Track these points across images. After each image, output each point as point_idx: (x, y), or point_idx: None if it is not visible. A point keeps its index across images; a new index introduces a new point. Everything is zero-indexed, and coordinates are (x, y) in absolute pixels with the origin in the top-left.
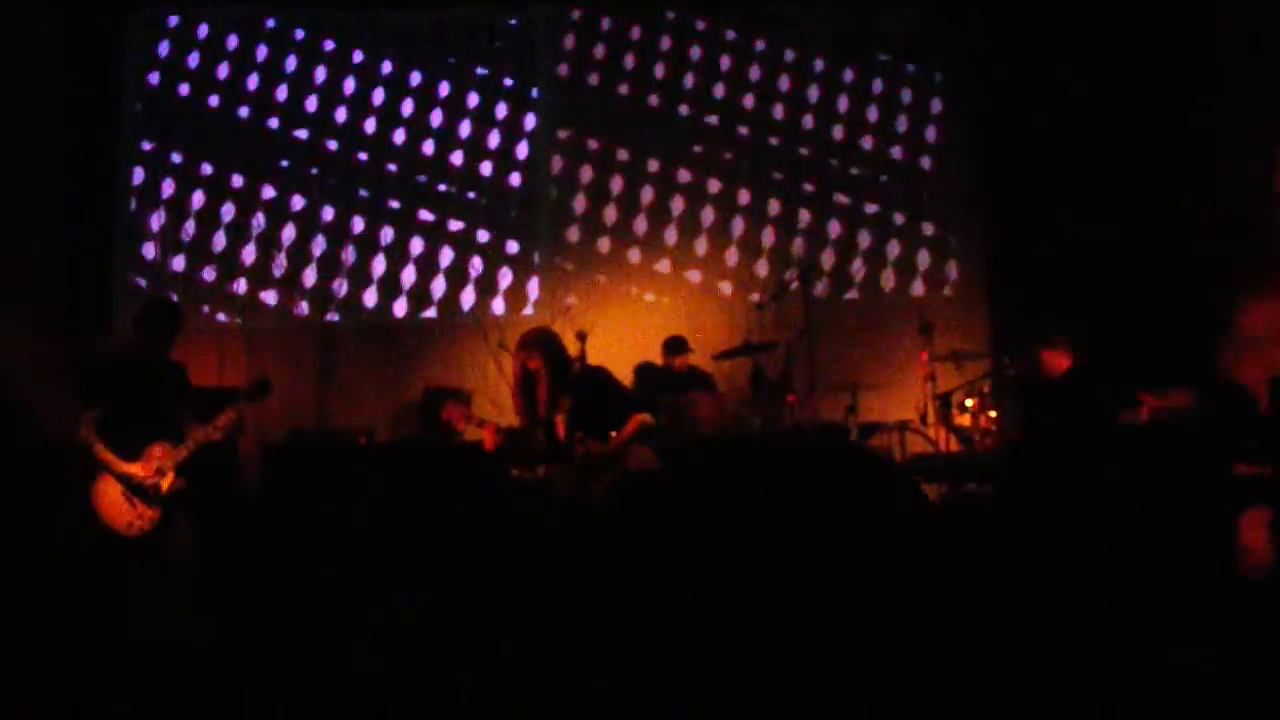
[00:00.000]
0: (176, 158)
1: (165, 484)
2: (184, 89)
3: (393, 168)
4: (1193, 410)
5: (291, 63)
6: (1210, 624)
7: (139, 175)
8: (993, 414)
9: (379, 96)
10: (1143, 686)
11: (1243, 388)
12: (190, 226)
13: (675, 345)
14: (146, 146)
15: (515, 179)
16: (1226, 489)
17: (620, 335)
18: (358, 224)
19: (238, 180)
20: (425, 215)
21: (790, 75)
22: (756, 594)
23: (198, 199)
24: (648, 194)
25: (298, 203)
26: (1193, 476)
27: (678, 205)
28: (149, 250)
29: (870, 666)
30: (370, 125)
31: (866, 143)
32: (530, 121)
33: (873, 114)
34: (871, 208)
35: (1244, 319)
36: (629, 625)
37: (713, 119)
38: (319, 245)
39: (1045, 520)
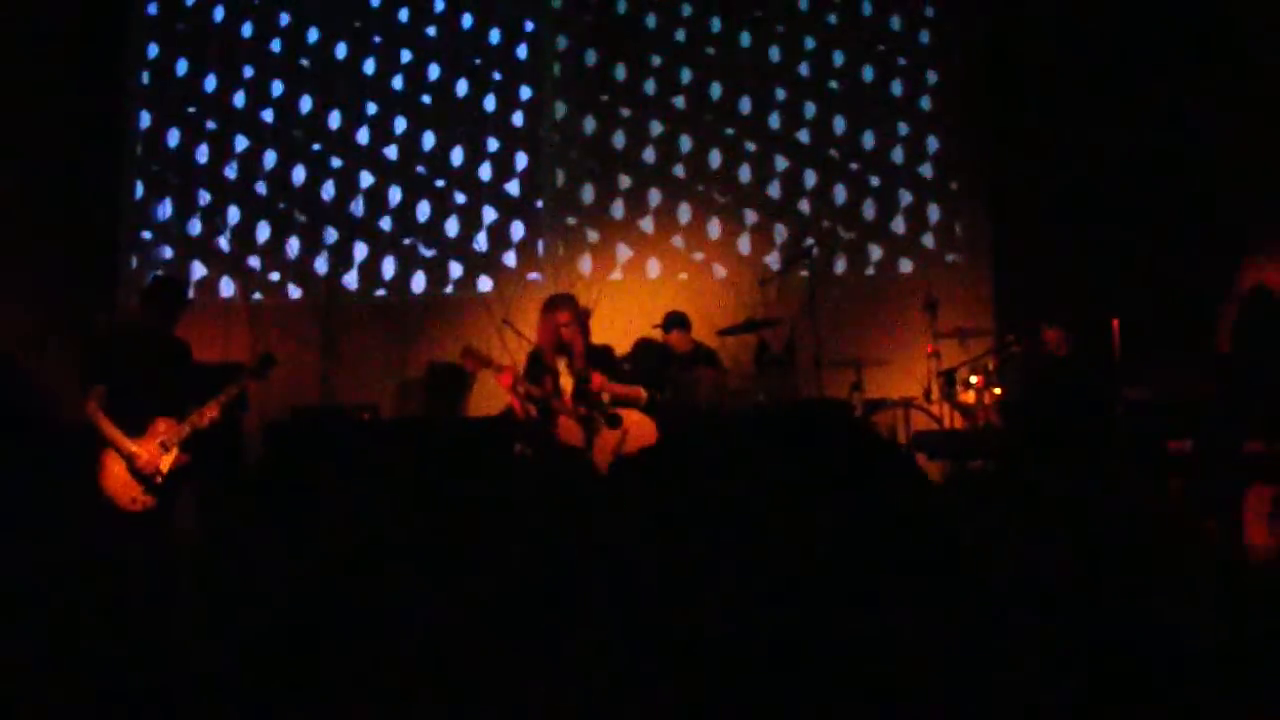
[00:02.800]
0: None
1: (169, 460)
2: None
3: (392, 154)
4: (1199, 387)
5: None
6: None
7: (145, 119)
8: (997, 391)
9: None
10: (1141, 659)
11: (1245, 364)
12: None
13: (674, 320)
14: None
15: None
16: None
17: (622, 310)
18: (360, 199)
19: (241, 143)
20: (427, 192)
21: (791, 52)
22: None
23: (201, 153)
24: (650, 158)
25: (299, 175)
26: (1200, 453)
27: (682, 175)
28: (163, 210)
29: (868, 643)
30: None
31: (871, 118)
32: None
33: (877, 92)
34: (875, 182)
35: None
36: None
37: (715, 88)
38: (323, 218)
39: (1047, 496)
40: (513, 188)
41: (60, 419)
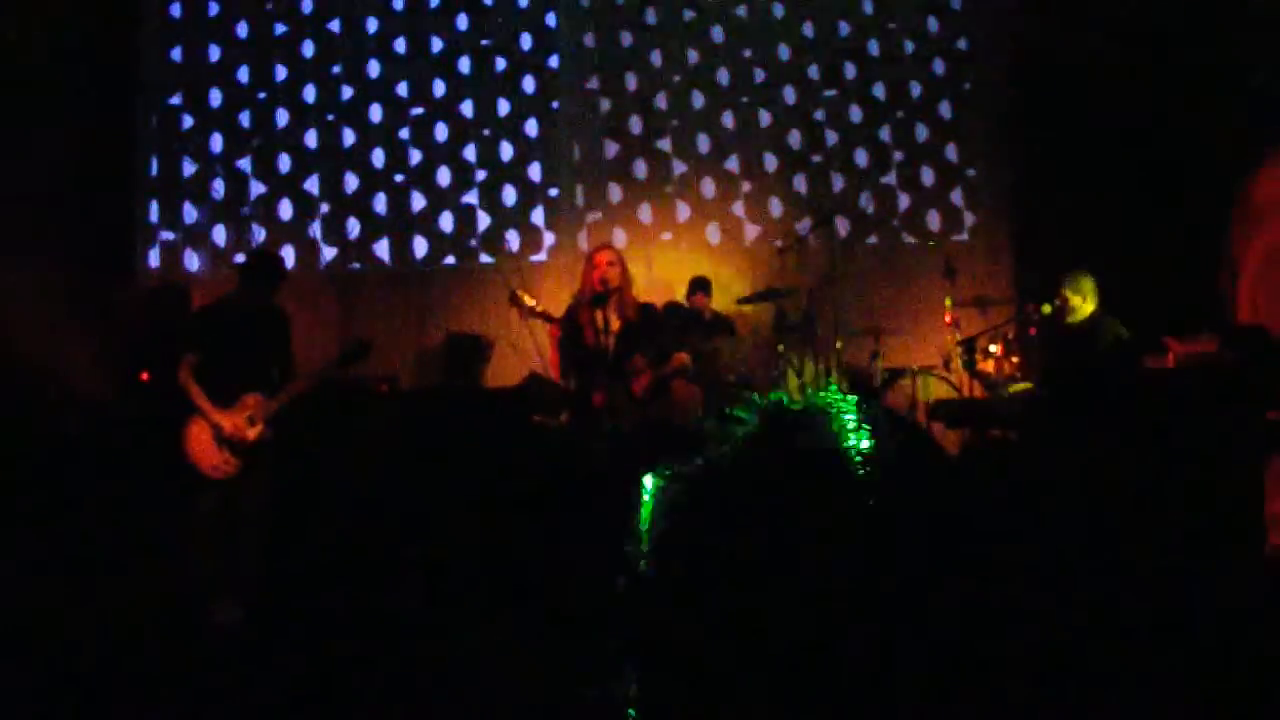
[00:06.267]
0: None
1: (254, 433)
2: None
3: (408, 137)
4: (1219, 356)
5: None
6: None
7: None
8: (1016, 359)
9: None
10: (1160, 632)
11: (1267, 331)
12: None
13: (698, 285)
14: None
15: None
16: (1257, 436)
17: (642, 278)
18: (378, 169)
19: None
20: (445, 166)
21: (813, 20)
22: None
23: (216, 143)
24: (668, 130)
25: (312, 139)
26: (1221, 422)
27: (703, 146)
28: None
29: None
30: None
31: (892, 86)
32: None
33: (898, 57)
34: (897, 152)
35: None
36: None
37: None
38: (338, 190)
39: (1067, 465)
40: (534, 165)
41: (80, 399)
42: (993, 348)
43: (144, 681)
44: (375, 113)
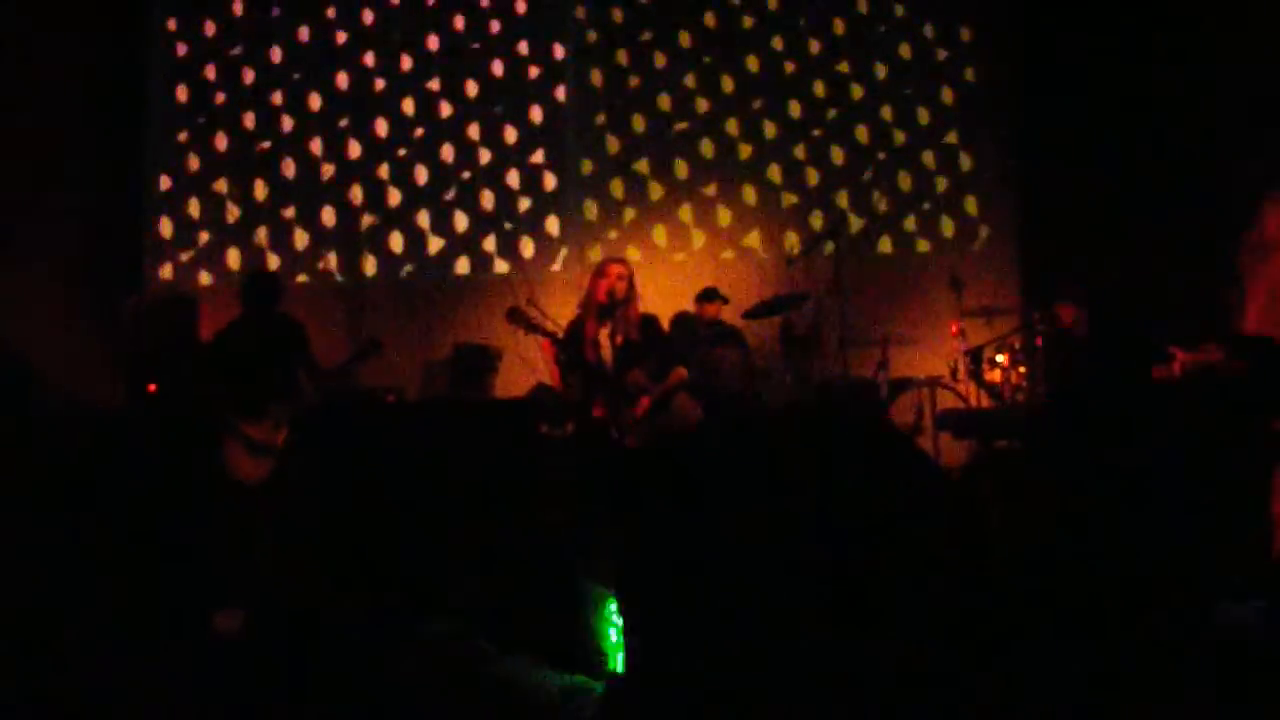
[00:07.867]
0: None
1: (280, 436)
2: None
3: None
4: (1226, 365)
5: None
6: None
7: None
8: (1023, 370)
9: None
10: (1168, 644)
11: (1273, 341)
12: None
13: (708, 294)
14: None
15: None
16: (1265, 446)
17: (650, 289)
18: (384, 180)
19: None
20: (455, 174)
21: (819, 34)
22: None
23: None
24: (674, 141)
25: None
26: (1229, 432)
27: (708, 152)
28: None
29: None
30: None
31: (898, 97)
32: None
33: (906, 68)
34: (903, 161)
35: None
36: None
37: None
38: (344, 202)
39: (1074, 476)
40: (540, 165)
41: (80, 402)
42: (999, 358)
43: (142, 684)
44: (381, 127)
